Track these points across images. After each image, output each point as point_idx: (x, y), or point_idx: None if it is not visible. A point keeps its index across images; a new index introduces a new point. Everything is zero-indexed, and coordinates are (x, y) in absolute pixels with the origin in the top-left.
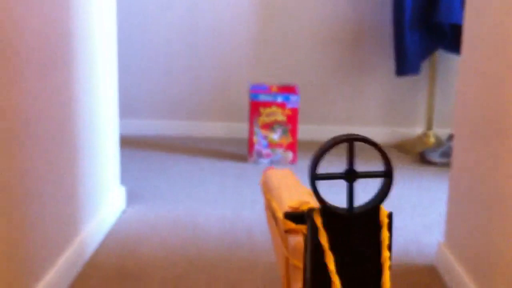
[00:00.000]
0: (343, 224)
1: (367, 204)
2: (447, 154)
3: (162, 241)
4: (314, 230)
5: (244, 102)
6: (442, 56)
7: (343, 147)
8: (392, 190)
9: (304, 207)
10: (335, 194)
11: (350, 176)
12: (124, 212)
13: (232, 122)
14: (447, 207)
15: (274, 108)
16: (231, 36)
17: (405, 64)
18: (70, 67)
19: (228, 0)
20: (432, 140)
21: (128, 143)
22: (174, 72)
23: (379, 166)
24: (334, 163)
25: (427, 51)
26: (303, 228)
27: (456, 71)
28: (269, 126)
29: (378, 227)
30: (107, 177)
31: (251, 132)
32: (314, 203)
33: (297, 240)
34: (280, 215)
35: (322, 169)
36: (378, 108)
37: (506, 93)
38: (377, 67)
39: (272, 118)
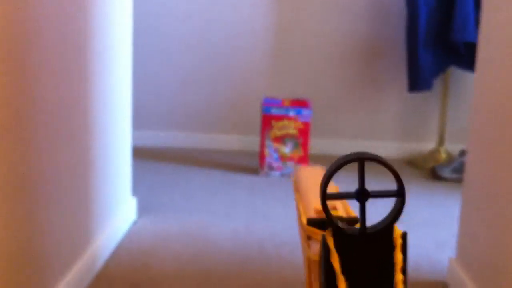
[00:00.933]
0: (355, 245)
1: (379, 223)
2: (458, 170)
3: (173, 253)
4: (326, 252)
5: (258, 115)
6: (454, 73)
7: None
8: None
9: (334, 213)
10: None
11: (362, 196)
12: (135, 223)
13: (245, 135)
14: (459, 224)
15: (285, 122)
16: (246, 50)
17: (418, 81)
18: (84, 78)
19: (243, 14)
20: (443, 156)
21: (140, 154)
22: (188, 84)
23: (391, 184)
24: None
25: (440, 68)
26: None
27: (468, 87)
28: (281, 140)
29: (391, 248)
30: (119, 188)
31: (263, 145)
32: (341, 205)
33: (319, 246)
34: (304, 220)
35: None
36: (390, 123)
37: None
38: (390, 83)
39: (283, 132)
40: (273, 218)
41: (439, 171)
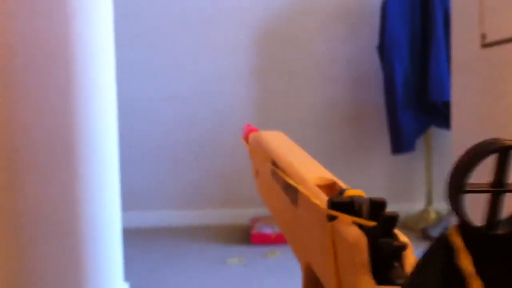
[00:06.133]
0: (484, 246)
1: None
2: None
3: None
4: (450, 252)
5: (246, 188)
6: (436, 131)
7: None
8: None
9: (349, 193)
10: None
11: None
12: None
13: (236, 209)
14: None
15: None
16: (232, 125)
17: (400, 143)
18: (72, 166)
19: (227, 89)
20: (432, 215)
21: (131, 235)
22: (175, 163)
23: None
24: None
25: (421, 129)
26: (353, 219)
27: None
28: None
29: None
30: (110, 274)
31: (254, 221)
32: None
33: (354, 233)
34: (314, 199)
35: None
36: (377, 186)
37: None
38: (375, 146)
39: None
40: None
41: (430, 232)
